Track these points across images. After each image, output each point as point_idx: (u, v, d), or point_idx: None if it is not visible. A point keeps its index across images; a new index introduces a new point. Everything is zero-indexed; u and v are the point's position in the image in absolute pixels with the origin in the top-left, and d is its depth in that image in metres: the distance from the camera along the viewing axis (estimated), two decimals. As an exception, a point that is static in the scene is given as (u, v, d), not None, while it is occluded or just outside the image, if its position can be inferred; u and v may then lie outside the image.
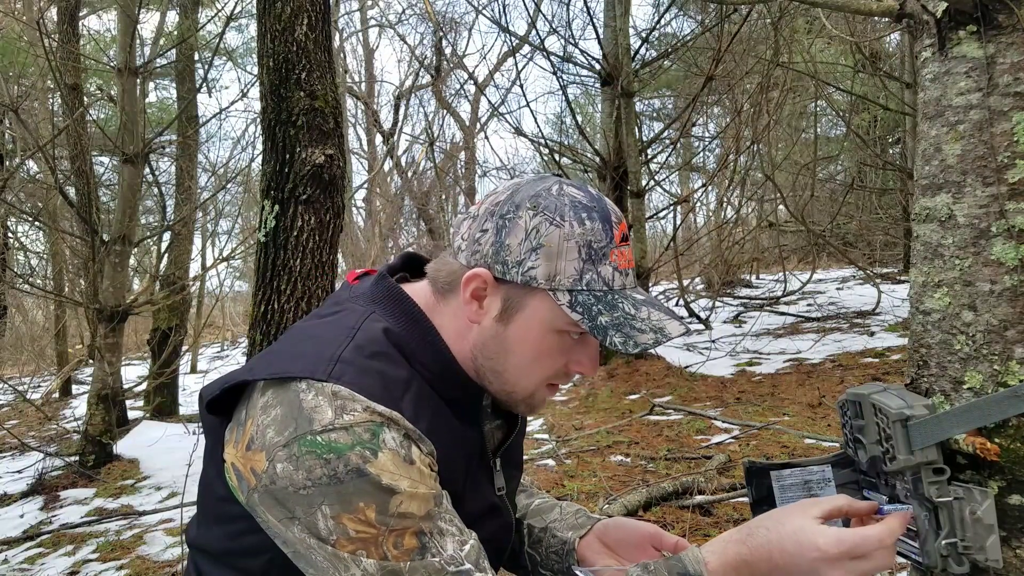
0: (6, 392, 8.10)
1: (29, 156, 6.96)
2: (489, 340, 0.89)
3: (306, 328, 0.92)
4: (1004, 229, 0.82)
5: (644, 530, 1.06)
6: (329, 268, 2.63)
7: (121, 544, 3.32)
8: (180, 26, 6.96)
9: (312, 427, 0.77)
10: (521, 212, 0.86)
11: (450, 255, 0.92)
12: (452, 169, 14.97)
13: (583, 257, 0.85)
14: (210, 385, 0.90)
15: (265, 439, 0.79)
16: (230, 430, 0.85)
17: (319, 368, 0.80)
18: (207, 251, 10.48)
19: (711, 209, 11.98)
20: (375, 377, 0.82)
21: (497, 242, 0.86)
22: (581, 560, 1.07)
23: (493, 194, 0.91)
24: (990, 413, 0.80)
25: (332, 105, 2.63)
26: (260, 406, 0.81)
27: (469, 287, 0.87)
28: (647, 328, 0.86)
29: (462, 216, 0.94)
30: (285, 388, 0.81)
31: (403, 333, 0.89)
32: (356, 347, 0.84)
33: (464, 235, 0.90)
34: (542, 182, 0.90)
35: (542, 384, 0.92)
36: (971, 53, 0.85)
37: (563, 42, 7.24)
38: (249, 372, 0.85)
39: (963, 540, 0.80)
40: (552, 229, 0.85)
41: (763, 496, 0.99)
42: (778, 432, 3.62)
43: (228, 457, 0.84)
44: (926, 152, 0.91)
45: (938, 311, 0.89)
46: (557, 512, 1.15)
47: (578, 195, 0.88)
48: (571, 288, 0.85)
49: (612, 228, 0.88)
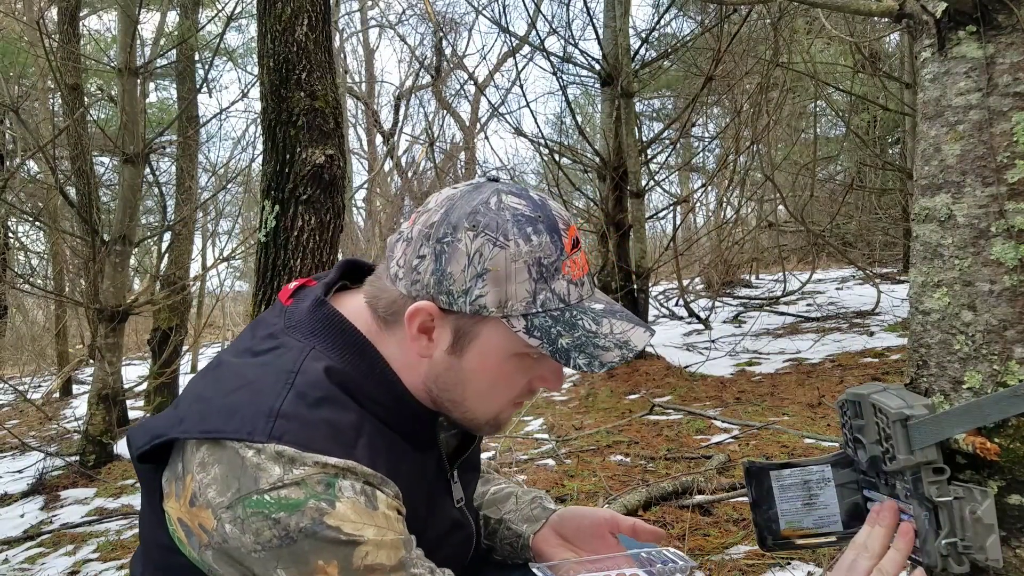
0: (6, 392, 8.10)
1: (30, 156, 6.96)
2: (443, 373, 0.84)
3: (239, 369, 0.82)
4: (1003, 229, 0.82)
5: (599, 517, 1.04)
6: (329, 268, 2.63)
7: (121, 544, 3.32)
8: (180, 26, 6.96)
9: (258, 485, 0.71)
10: (460, 234, 0.78)
11: (387, 279, 0.84)
12: (452, 169, 14.96)
13: (534, 277, 0.79)
14: (137, 431, 0.82)
15: (208, 498, 0.73)
16: (168, 481, 0.78)
17: (258, 427, 0.73)
18: (207, 251, 10.48)
19: (711, 209, 11.98)
20: (322, 428, 0.75)
21: (438, 270, 0.79)
22: (538, 555, 1.04)
23: (426, 212, 0.83)
24: (990, 413, 0.81)
25: (332, 105, 2.64)
26: (197, 462, 0.74)
27: (415, 322, 0.81)
28: (611, 344, 0.81)
29: (395, 236, 0.86)
30: (221, 446, 0.73)
31: (348, 370, 0.81)
32: (297, 396, 0.76)
33: (399, 260, 0.83)
34: (477, 193, 0.82)
35: (506, 406, 0.88)
36: (971, 53, 0.85)
37: (563, 42, 7.24)
38: (179, 426, 0.77)
39: (963, 540, 0.81)
40: (496, 251, 0.78)
41: (763, 496, 0.99)
42: (778, 432, 3.62)
43: (171, 511, 0.77)
44: (925, 152, 0.91)
45: (938, 311, 0.89)
46: (512, 503, 1.11)
47: (519, 205, 0.81)
48: (525, 312, 0.79)
49: (561, 237, 0.81)
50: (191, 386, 0.85)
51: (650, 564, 0.96)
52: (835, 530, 0.96)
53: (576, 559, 1.00)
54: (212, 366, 0.86)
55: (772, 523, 0.99)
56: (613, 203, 6.55)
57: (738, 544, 2.34)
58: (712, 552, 2.30)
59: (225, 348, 0.93)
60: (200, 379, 0.85)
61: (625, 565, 0.97)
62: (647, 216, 7.31)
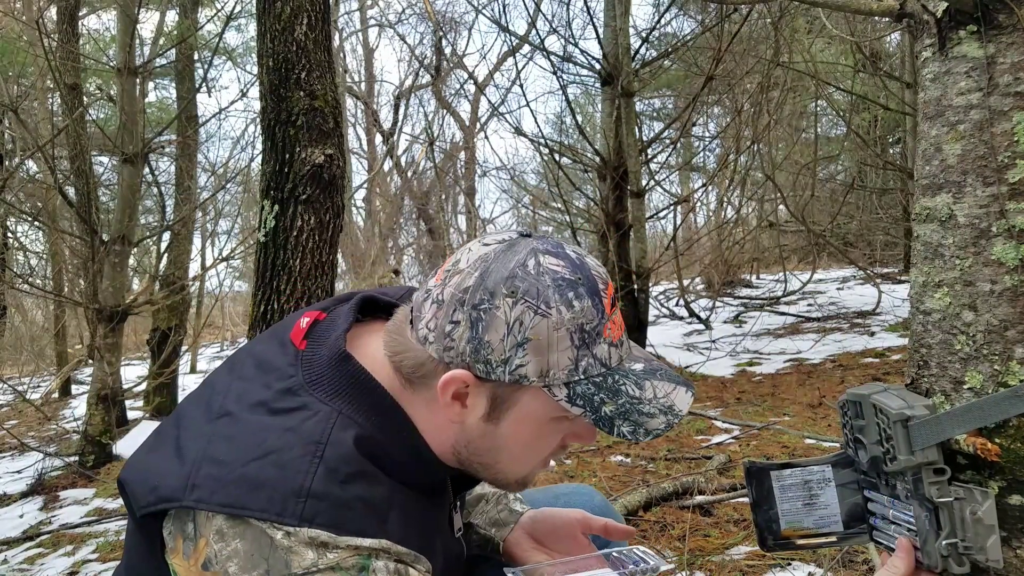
0: (6, 392, 8.10)
1: (29, 156, 6.95)
2: (476, 439, 0.81)
3: (257, 431, 0.75)
4: (1004, 229, 0.82)
5: (571, 517, 1.03)
6: (329, 268, 2.63)
7: (121, 544, 3.32)
8: (180, 26, 6.96)
9: (290, 570, 0.68)
10: (498, 300, 0.75)
11: (414, 338, 0.80)
12: (452, 169, 14.96)
13: (576, 344, 0.76)
14: (137, 483, 0.76)
15: (227, 570, 0.70)
16: (173, 536, 0.74)
17: (288, 508, 0.69)
18: (207, 251, 10.46)
19: (711, 209, 11.98)
20: (355, 507, 0.72)
21: (475, 338, 0.75)
22: (511, 558, 1.03)
23: (457, 273, 0.78)
24: (991, 413, 0.80)
25: (332, 105, 2.63)
26: (215, 530, 0.70)
27: (449, 390, 0.78)
28: (655, 411, 0.79)
29: (423, 295, 0.81)
30: (245, 523, 0.70)
31: (377, 436, 0.77)
32: (327, 472, 0.72)
33: (430, 323, 0.78)
34: (512, 254, 0.78)
35: (537, 466, 0.86)
36: (971, 53, 0.85)
37: (563, 42, 7.25)
38: (190, 493, 0.71)
39: (964, 540, 0.80)
40: (538, 319, 0.74)
41: (763, 497, 0.99)
42: (778, 432, 3.62)
43: (179, 569, 0.74)
44: (926, 152, 0.91)
45: (938, 311, 0.88)
46: (482, 506, 1.10)
47: (558, 267, 0.77)
48: (567, 380, 0.77)
49: (602, 299, 0.78)
50: (192, 428, 0.79)
51: (622, 565, 0.96)
52: (836, 530, 0.96)
53: (549, 562, 1.00)
54: (218, 412, 0.79)
55: (773, 523, 0.98)
56: (613, 203, 6.55)
57: (739, 545, 2.34)
58: (713, 553, 2.30)
59: (225, 385, 0.83)
60: (204, 425, 0.79)
61: (598, 566, 0.96)
62: (647, 216, 7.31)
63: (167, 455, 0.77)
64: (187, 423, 0.81)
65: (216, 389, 0.83)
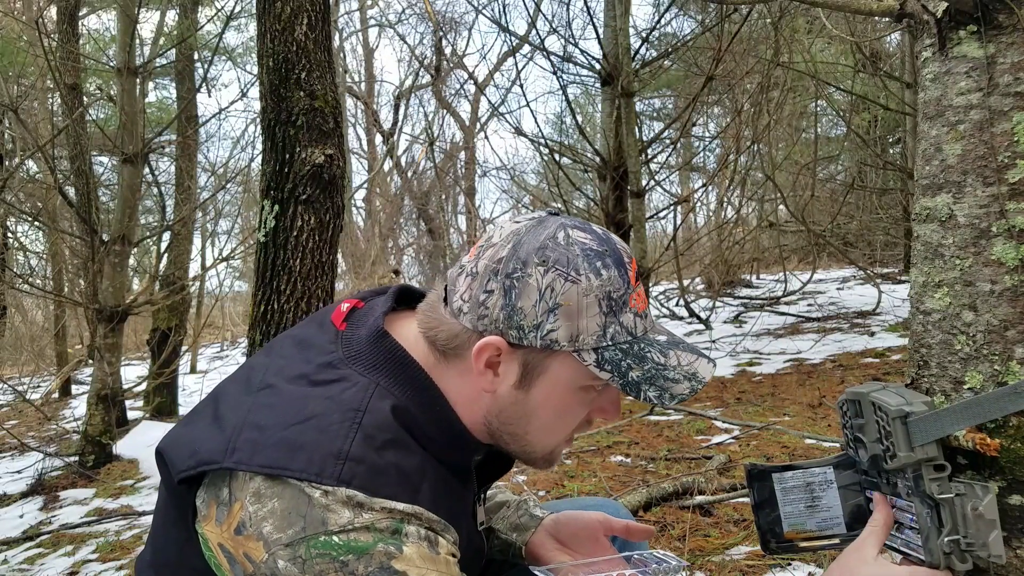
0: (6, 392, 8.10)
1: (29, 156, 6.96)
2: (508, 407, 0.84)
3: (298, 399, 0.79)
4: (1004, 229, 0.82)
5: (592, 519, 1.05)
6: (329, 268, 2.62)
7: (121, 544, 3.32)
8: (180, 26, 6.96)
9: (327, 527, 0.71)
10: (530, 269, 0.78)
11: (446, 311, 0.84)
12: (452, 169, 14.97)
13: (604, 311, 0.79)
14: (176, 449, 0.80)
15: (262, 531, 0.72)
16: (206, 503, 0.77)
17: (327, 469, 0.72)
18: (207, 251, 10.46)
19: (711, 209, 11.99)
20: (390, 473, 0.75)
21: (508, 305, 0.79)
22: (535, 559, 1.05)
23: (491, 247, 0.82)
24: (990, 410, 0.80)
25: (332, 105, 2.63)
26: (251, 492, 0.73)
27: (483, 357, 0.81)
28: (680, 376, 0.82)
29: (457, 270, 0.85)
30: (283, 482, 0.73)
31: (412, 408, 0.81)
32: (365, 438, 0.75)
33: (464, 295, 0.82)
34: (543, 228, 0.82)
35: (563, 440, 0.89)
36: (971, 53, 0.85)
37: (563, 42, 7.24)
38: (230, 456, 0.75)
39: (965, 537, 0.80)
40: (568, 286, 0.78)
41: (765, 499, 0.99)
42: (778, 432, 3.62)
43: (210, 535, 0.76)
44: (926, 152, 0.91)
45: (938, 311, 0.89)
46: (503, 511, 1.12)
47: (587, 240, 0.81)
48: (596, 346, 0.80)
49: (627, 271, 0.82)
50: (232, 400, 0.82)
51: (644, 565, 0.98)
52: (838, 532, 0.96)
53: (573, 562, 1.01)
54: (259, 385, 0.82)
55: (775, 526, 0.98)
56: (613, 203, 6.55)
57: (739, 545, 2.34)
58: (713, 553, 2.30)
59: (264, 364, 0.87)
60: (245, 396, 0.82)
61: (621, 567, 0.98)
62: (647, 216, 7.31)
63: (206, 425, 0.81)
64: (226, 398, 0.84)
65: (255, 368, 0.87)
